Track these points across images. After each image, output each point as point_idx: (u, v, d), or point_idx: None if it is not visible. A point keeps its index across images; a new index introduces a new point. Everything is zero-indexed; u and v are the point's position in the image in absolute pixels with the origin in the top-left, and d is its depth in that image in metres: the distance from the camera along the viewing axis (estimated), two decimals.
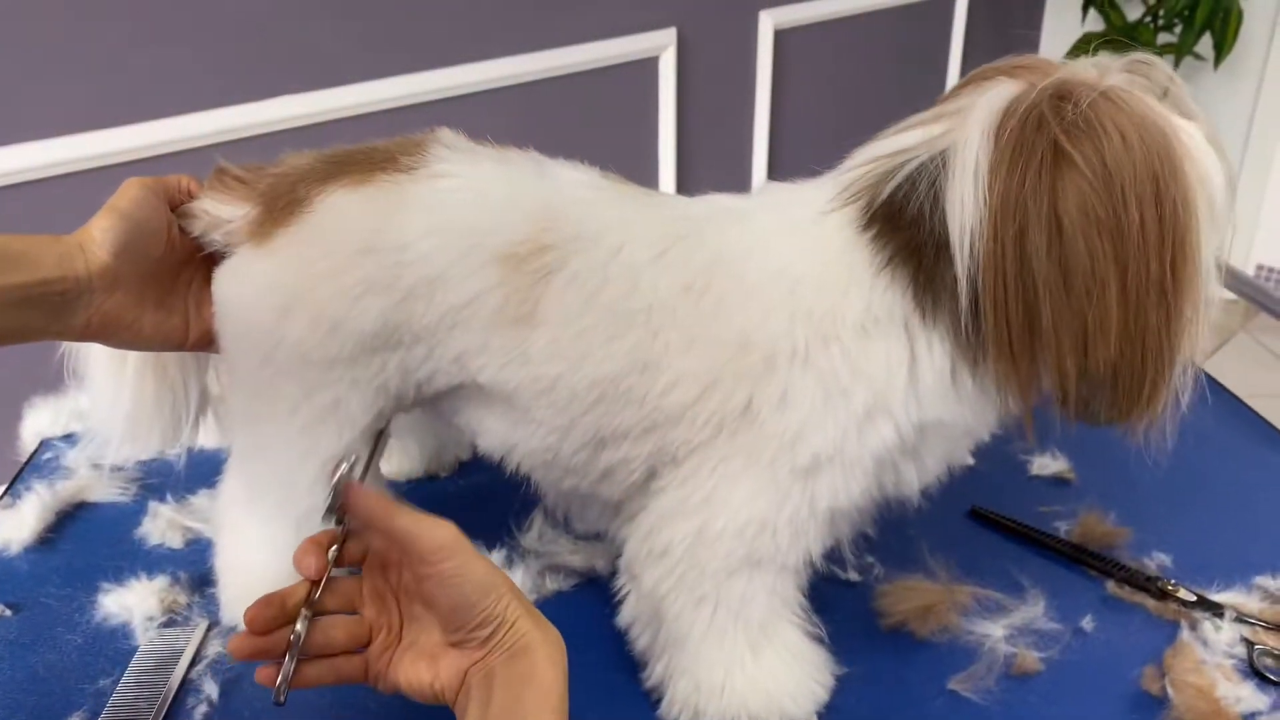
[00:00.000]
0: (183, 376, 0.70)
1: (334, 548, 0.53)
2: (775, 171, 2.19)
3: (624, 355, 0.59)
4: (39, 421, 0.94)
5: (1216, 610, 0.71)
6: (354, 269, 0.60)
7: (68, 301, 0.57)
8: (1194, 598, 0.72)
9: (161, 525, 0.80)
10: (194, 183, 0.65)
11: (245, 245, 0.63)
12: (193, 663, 0.68)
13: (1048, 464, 0.87)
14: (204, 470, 0.84)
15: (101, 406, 0.70)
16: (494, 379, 0.62)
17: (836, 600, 0.73)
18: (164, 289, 0.63)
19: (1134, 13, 2.45)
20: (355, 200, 0.61)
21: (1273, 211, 2.57)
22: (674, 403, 0.60)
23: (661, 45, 1.89)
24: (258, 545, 0.70)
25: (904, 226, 0.56)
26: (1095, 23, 2.49)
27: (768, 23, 2.03)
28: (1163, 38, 2.39)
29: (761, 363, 0.58)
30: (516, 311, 0.60)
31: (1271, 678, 0.66)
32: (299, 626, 0.51)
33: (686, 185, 2.03)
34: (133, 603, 0.72)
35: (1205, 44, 2.34)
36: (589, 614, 0.72)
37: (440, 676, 0.52)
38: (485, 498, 0.85)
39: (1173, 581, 0.74)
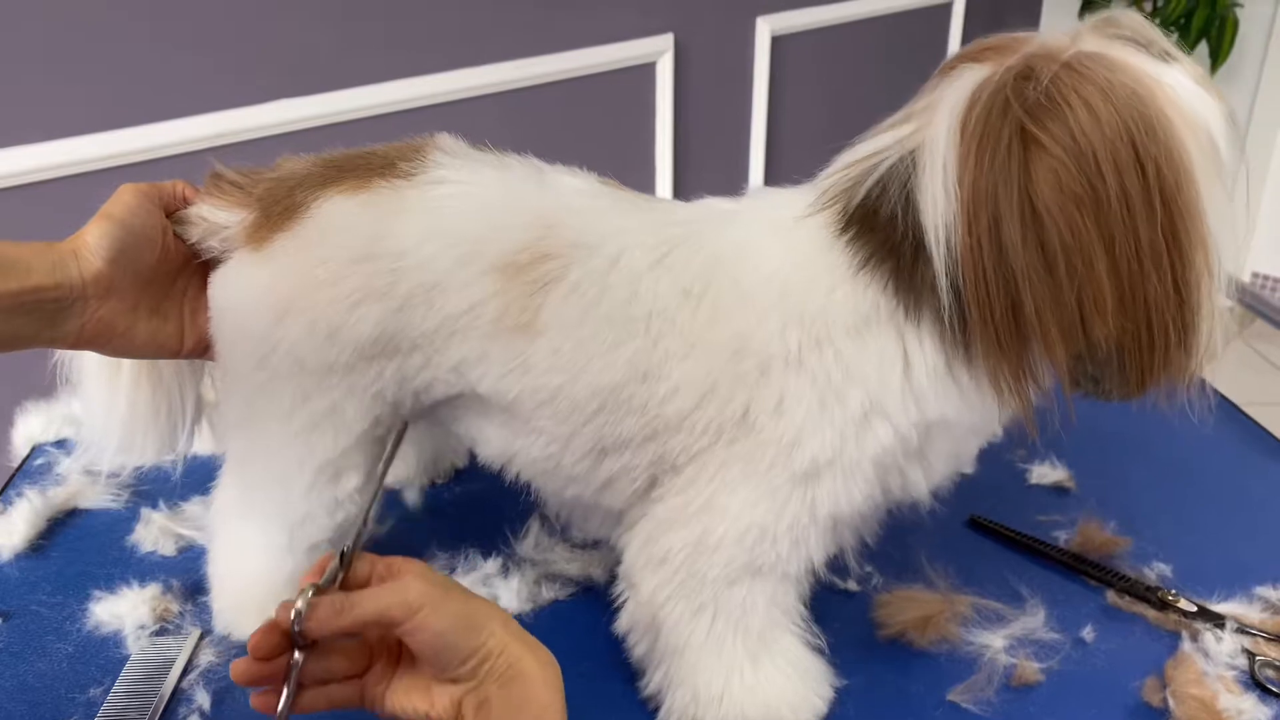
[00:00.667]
0: (178, 384, 0.70)
1: (336, 574, 0.52)
2: (772, 177, 2.19)
3: (625, 364, 0.59)
4: (31, 427, 0.93)
5: (1217, 621, 0.71)
6: (351, 275, 0.60)
7: (61, 309, 0.56)
8: (1195, 608, 0.72)
9: (154, 532, 0.80)
10: (189, 188, 0.65)
11: (242, 250, 0.62)
12: (184, 672, 0.68)
13: (1047, 473, 0.87)
14: (197, 477, 0.83)
15: (96, 414, 0.69)
16: (494, 388, 0.62)
17: (835, 610, 0.72)
18: (159, 296, 0.63)
19: None
20: (353, 206, 0.61)
21: (1269, 219, 2.58)
22: (674, 410, 0.59)
23: (659, 51, 1.88)
24: (252, 552, 0.69)
25: (879, 228, 0.56)
26: None
27: (765, 29, 2.02)
28: None
29: (756, 369, 0.58)
30: (516, 321, 0.59)
31: (1273, 689, 0.66)
32: (297, 656, 0.50)
33: (683, 191, 2.03)
34: (124, 611, 0.72)
35: (1201, 52, 2.35)
36: (585, 623, 0.72)
37: (436, 706, 0.51)
38: (482, 505, 0.84)
39: (1173, 591, 0.73)
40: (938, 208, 0.53)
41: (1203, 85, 0.53)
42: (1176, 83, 0.52)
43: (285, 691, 0.50)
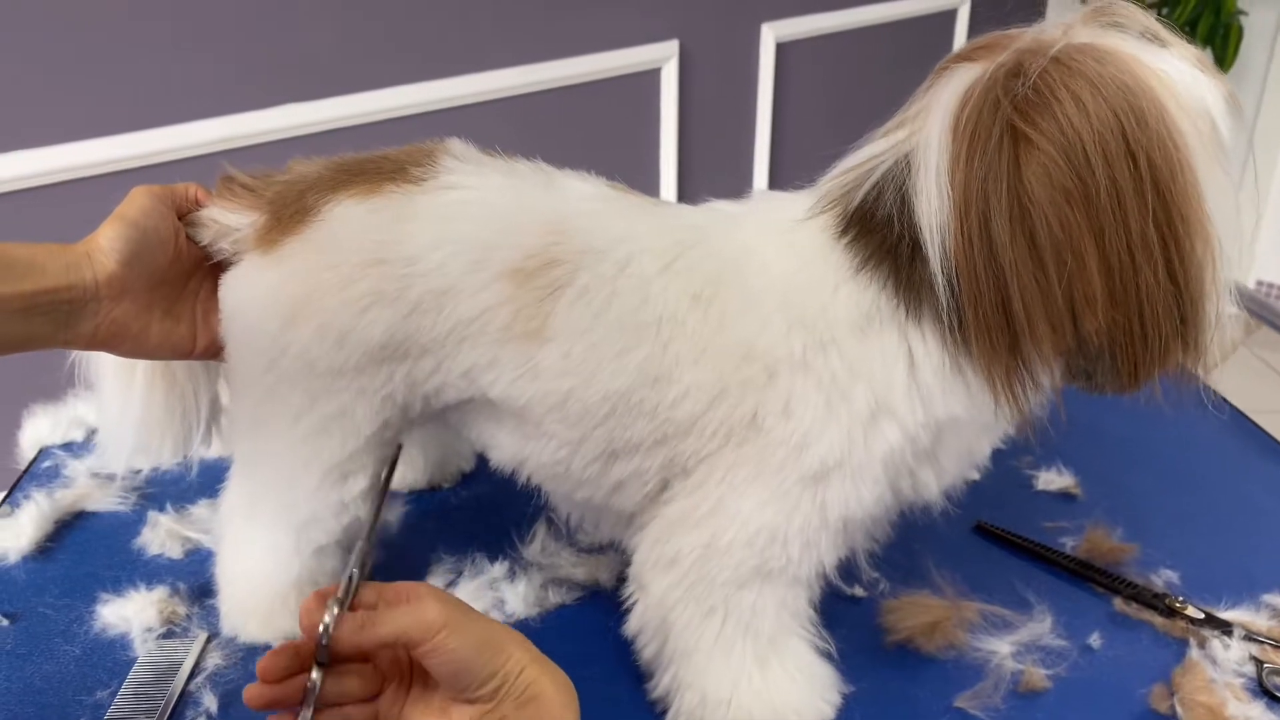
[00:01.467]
0: (192, 385, 0.70)
1: (341, 598, 0.52)
2: (776, 183, 2.19)
3: (635, 368, 0.59)
4: (38, 429, 0.93)
5: (1225, 628, 0.70)
6: (361, 280, 0.60)
7: (75, 310, 0.57)
8: (1202, 615, 0.72)
9: (161, 535, 0.80)
10: (202, 191, 0.65)
11: (253, 253, 0.63)
12: (192, 675, 0.68)
13: (1053, 479, 0.87)
14: (204, 480, 0.84)
15: (111, 415, 0.70)
16: (504, 394, 0.62)
17: (842, 615, 0.72)
18: (171, 297, 0.63)
19: None
20: (364, 210, 0.61)
21: (1272, 227, 2.58)
22: (684, 414, 0.59)
23: (664, 57, 1.89)
24: (259, 555, 0.69)
25: (876, 229, 0.56)
26: None
27: (769, 35, 2.03)
28: None
29: (764, 372, 0.58)
30: (526, 327, 0.60)
31: None
32: (315, 675, 0.50)
33: (687, 196, 2.04)
34: (131, 613, 0.72)
35: None
36: (592, 627, 0.72)
37: None
38: (488, 509, 0.84)
39: (1180, 598, 0.73)
40: (931, 207, 0.53)
41: (1199, 68, 0.53)
42: (1171, 68, 0.52)
43: (302, 711, 0.49)
